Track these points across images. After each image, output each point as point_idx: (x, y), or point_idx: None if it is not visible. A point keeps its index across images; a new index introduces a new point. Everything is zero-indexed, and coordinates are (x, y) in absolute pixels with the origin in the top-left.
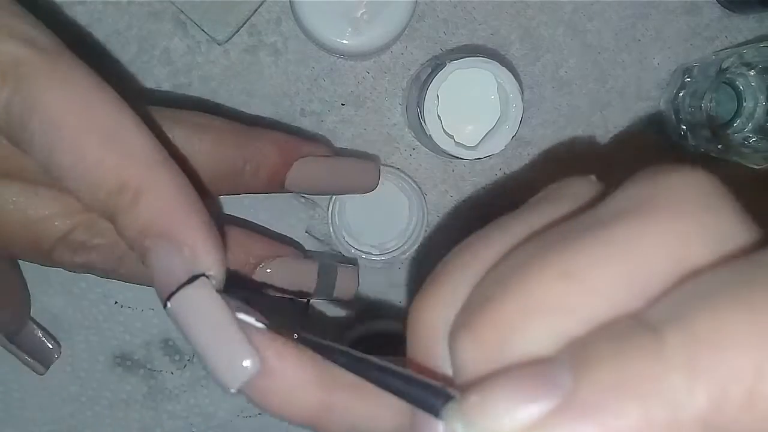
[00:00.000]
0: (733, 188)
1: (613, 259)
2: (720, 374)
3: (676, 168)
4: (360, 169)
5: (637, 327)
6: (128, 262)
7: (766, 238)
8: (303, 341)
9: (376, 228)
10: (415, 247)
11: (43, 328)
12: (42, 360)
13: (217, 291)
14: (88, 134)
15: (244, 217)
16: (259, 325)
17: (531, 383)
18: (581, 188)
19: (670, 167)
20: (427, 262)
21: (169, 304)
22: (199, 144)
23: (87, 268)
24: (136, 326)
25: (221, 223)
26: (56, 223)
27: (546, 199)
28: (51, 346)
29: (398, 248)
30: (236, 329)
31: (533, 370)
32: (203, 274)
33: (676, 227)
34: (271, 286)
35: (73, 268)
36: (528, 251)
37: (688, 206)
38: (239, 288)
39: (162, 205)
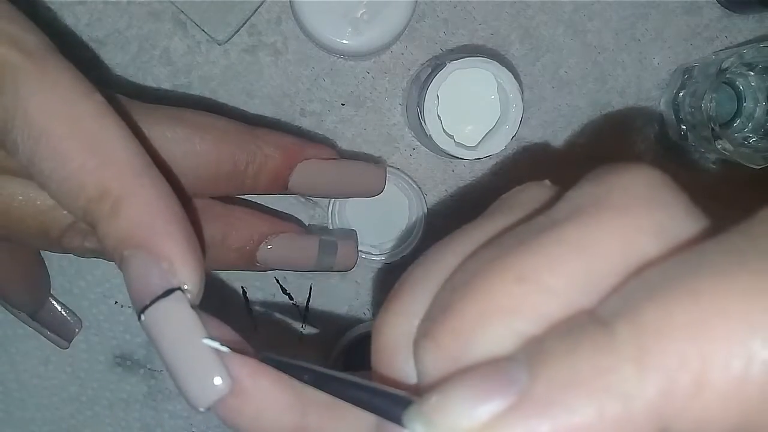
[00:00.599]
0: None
1: (567, 259)
2: (668, 363)
3: (625, 165)
4: (366, 173)
5: (590, 322)
6: None
7: (714, 227)
8: (266, 360)
9: (376, 228)
10: (415, 246)
11: (62, 304)
12: (64, 335)
13: (192, 306)
14: (70, 141)
15: None
16: (223, 348)
17: (488, 381)
18: (537, 193)
19: (620, 165)
20: None
21: (143, 317)
22: (201, 143)
23: (97, 254)
24: (136, 326)
25: (225, 203)
26: (65, 212)
27: (503, 206)
28: (72, 321)
29: (398, 248)
30: (208, 349)
31: (490, 369)
32: (179, 288)
33: (627, 223)
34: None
35: (83, 253)
36: (485, 256)
37: (638, 202)
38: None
39: (142, 216)
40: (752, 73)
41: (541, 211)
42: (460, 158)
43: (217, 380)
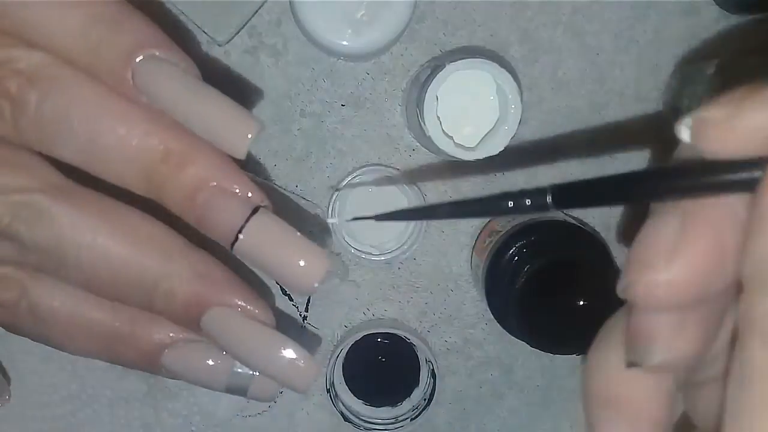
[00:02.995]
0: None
1: None
2: None
3: None
4: (290, 366)
5: None
6: (27, 320)
7: None
8: (382, 218)
9: (375, 228)
10: (415, 247)
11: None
12: None
13: None
14: (133, 112)
15: None
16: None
17: None
18: None
19: None
20: (426, 262)
21: (241, 236)
22: (112, 242)
23: None
24: None
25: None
26: None
27: None
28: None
29: (398, 248)
30: (304, 238)
31: None
32: (260, 206)
33: None
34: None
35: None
36: None
37: None
38: None
39: (209, 159)
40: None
41: None
42: (460, 159)
43: (324, 255)
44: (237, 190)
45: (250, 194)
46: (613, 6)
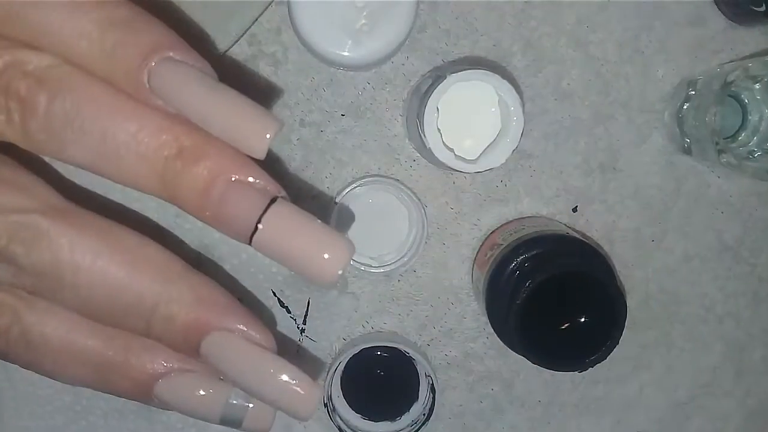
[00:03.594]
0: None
1: None
2: None
3: None
4: (291, 390)
5: None
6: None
7: None
8: None
9: (375, 240)
10: (415, 259)
11: None
12: None
13: None
14: (144, 109)
15: None
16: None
17: None
18: None
19: None
20: (426, 275)
21: (260, 226)
22: (111, 264)
23: None
24: None
25: None
26: None
27: None
28: None
29: (397, 260)
30: (325, 225)
31: None
32: (277, 197)
33: None
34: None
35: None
36: None
37: None
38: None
39: (223, 153)
40: (757, 86)
41: None
42: (461, 171)
43: (345, 242)
44: (253, 182)
45: (267, 186)
46: (618, 16)
